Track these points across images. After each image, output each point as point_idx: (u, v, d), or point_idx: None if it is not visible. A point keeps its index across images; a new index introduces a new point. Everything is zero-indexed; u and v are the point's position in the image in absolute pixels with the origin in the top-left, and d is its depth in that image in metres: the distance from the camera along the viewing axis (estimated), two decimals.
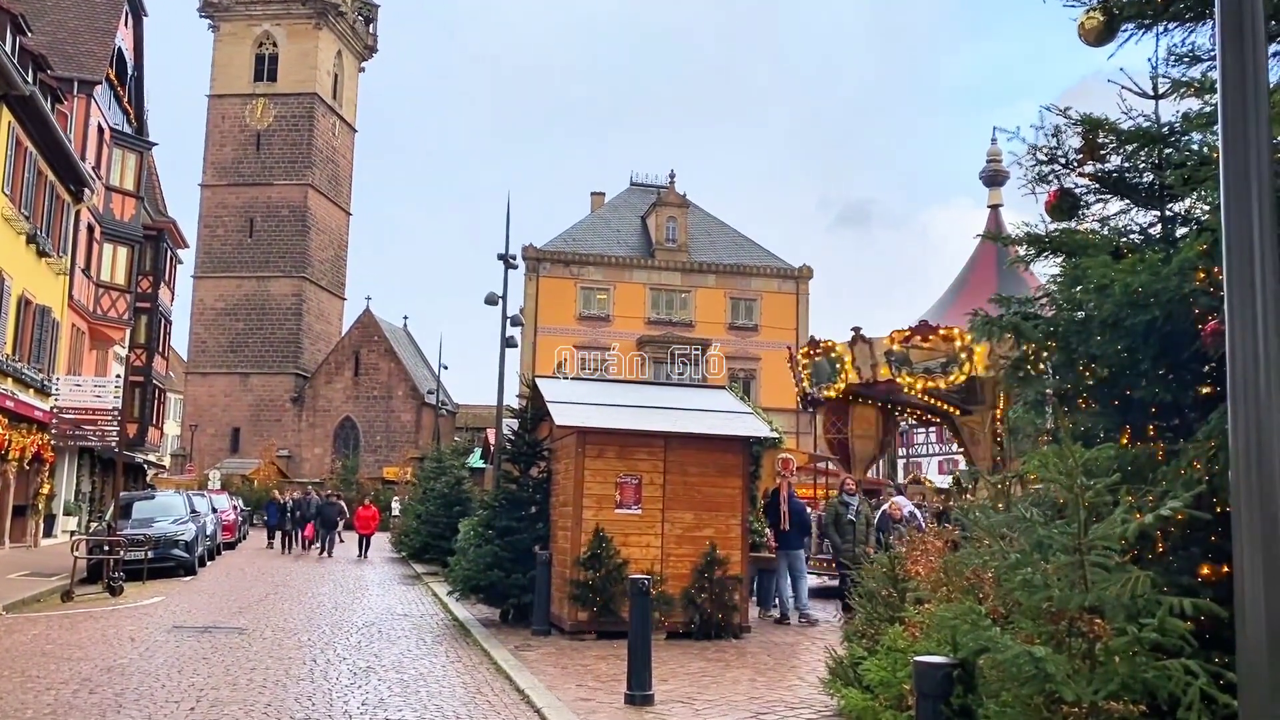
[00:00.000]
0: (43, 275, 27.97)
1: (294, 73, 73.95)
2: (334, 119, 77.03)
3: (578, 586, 12.66)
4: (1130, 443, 4.76)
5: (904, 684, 5.20)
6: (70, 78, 30.79)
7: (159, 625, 13.88)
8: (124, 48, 36.16)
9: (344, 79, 78.66)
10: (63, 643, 12.17)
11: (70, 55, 31.75)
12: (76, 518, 33.05)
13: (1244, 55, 3.08)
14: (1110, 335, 4.84)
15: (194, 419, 70.95)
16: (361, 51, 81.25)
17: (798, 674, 10.40)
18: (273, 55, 74.38)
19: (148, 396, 40.49)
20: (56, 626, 13.67)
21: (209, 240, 72.58)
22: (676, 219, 55.18)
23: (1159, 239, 5.35)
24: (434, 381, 62.10)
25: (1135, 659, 3.56)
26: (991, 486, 5.60)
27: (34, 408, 26.59)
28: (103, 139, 33.79)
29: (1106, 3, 5.51)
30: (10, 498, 26.64)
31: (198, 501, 27.60)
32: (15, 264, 25.31)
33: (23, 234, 25.69)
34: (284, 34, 74.36)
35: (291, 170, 73.37)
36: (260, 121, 73.59)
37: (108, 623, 14.19)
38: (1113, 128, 5.54)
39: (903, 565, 6.91)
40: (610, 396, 15.48)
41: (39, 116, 25.29)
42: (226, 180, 73.36)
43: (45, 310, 28.25)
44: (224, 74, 74.32)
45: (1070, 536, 3.86)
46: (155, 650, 11.64)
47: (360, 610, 16.67)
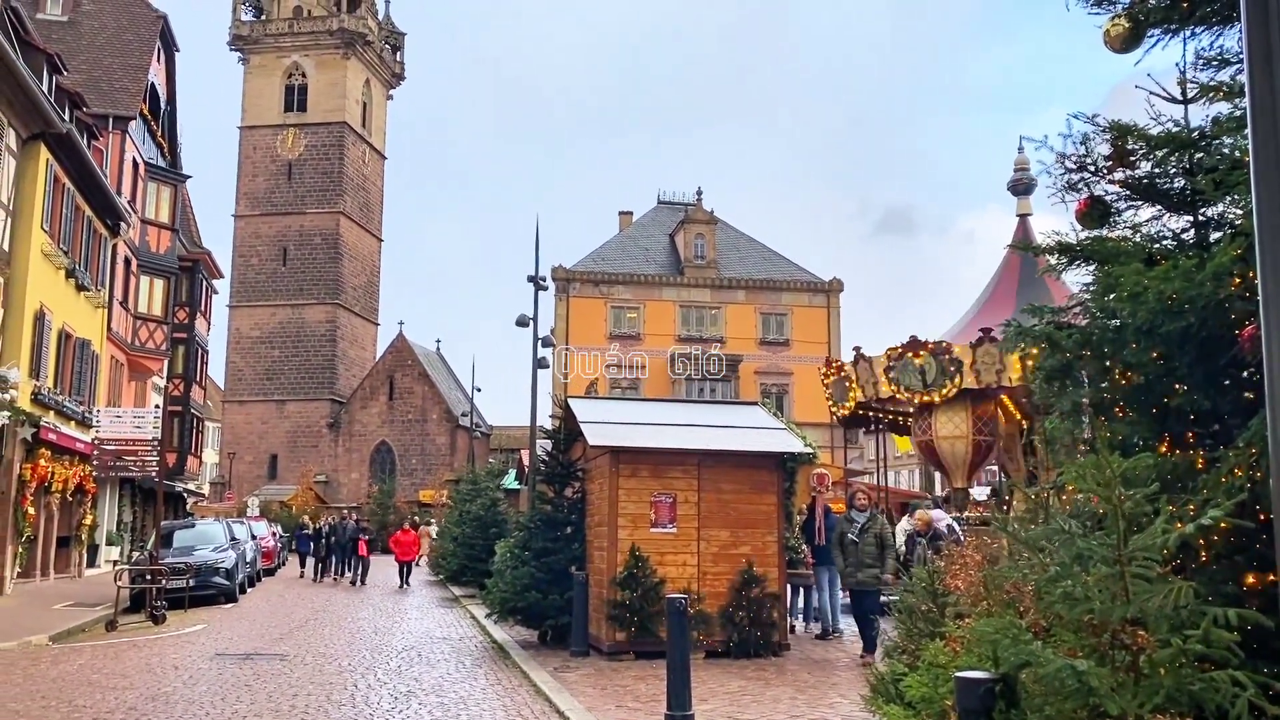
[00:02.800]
0: (82, 309, 28.38)
1: (323, 102, 74.87)
2: (364, 147, 77.86)
3: (615, 607, 12.63)
4: (1169, 451, 4.70)
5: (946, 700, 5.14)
6: (105, 114, 31.32)
7: (202, 653, 13.98)
8: (157, 83, 36.73)
9: (372, 107, 79.51)
10: (108, 672, 12.29)
11: (105, 92, 32.29)
12: (119, 547, 33.42)
13: (1271, 57, 3.05)
14: (1145, 343, 4.78)
15: (232, 447, 71.64)
16: (389, 79, 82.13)
17: (839, 691, 10.32)
18: (302, 86, 75.34)
19: (186, 426, 40.95)
20: (102, 656, 13.81)
21: (243, 269, 73.46)
22: (705, 236, 55.22)
23: (1192, 244, 5.29)
24: (468, 404, 62.39)
25: (1180, 671, 3.50)
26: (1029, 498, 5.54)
27: (76, 440, 26.95)
28: (138, 173, 34.31)
29: (1132, 9, 5.47)
30: (54, 529, 26.98)
31: (237, 529, 27.82)
32: (55, 298, 25.71)
33: (62, 269, 26.10)
34: (313, 65, 75.33)
35: (323, 198, 74.20)
36: (291, 151, 74.49)
37: (151, 651, 14.31)
38: (1142, 134, 5.49)
39: (942, 580, 6.84)
40: (643, 415, 15.50)
41: (76, 153, 25.72)
42: (259, 210, 74.28)
43: (85, 343, 28.65)
44: (255, 105, 75.36)
45: (1110, 548, 3.81)
46: (199, 678, 11.73)
47: (399, 634, 16.72)
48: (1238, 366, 4.58)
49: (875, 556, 12.60)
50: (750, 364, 52.27)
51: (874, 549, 12.64)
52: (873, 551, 12.62)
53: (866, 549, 12.63)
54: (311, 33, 75.50)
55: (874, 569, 12.54)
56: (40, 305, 24.56)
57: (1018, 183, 18.96)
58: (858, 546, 12.70)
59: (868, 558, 12.59)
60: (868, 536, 12.69)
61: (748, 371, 52.01)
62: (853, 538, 12.82)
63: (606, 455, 13.20)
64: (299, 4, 76.62)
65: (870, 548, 12.63)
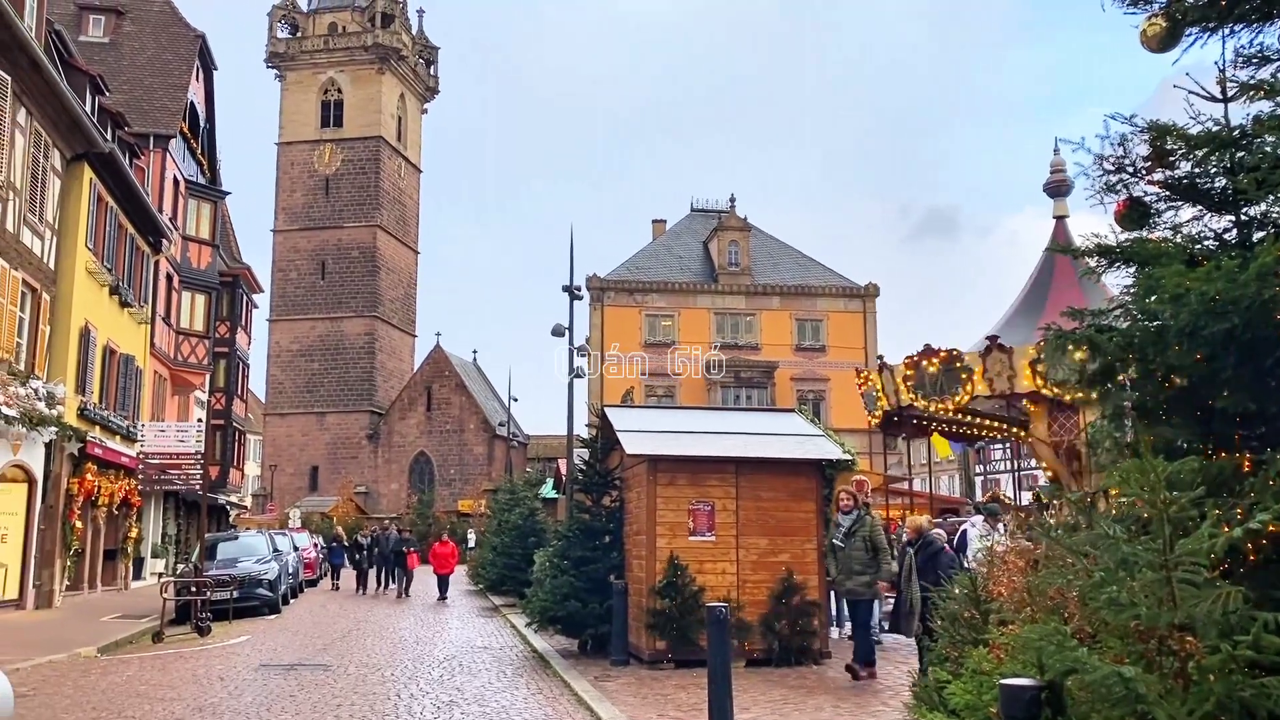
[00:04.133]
0: (125, 325, 28.78)
1: (359, 118, 75.57)
2: (399, 160, 78.47)
3: (654, 615, 12.62)
4: (1214, 454, 4.64)
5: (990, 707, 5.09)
6: (146, 133, 31.76)
7: (246, 664, 14.11)
8: (196, 101, 37.21)
9: (407, 121, 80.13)
10: (155, 683, 12.42)
11: (145, 111, 32.76)
12: (164, 560, 33.80)
13: None
14: (1188, 345, 4.72)
15: (273, 459, 72.32)
16: (423, 93, 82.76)
17: (881, 699, 10.25)
18: (338, 101, 76.08)
19: (228, 439, 41.36)
20: (149, 667, 13.96)
21: (283, 284, 74.21)
22: (739, 242, 55.10)
23: (1235, 244, 5.21)
24: (505, 414, 62.65)
25: (1231, 677, 3.45)
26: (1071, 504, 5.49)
27: (121, 454, 27.30)
28: (178, 190, 34.76)
29: (1169, 8, 5.42)
30: (101, 542, 27.33)
31: (279, 541, 28.03)
32: (100, 315, 26.09)
33: (106, 286, 26.48)
34: (348, 80, 76.07)
35: (360, 212, 74.84)
36: (328, 166, 75.23)
37: (197, 663, 14.46)
38: (1181, 133, 5.42)
39: (984, 586, 6.79)
40: (679, 423, 15.48)
41: (118, 172, 26.09)
42: (298, 225, 75.05)
43: (129, 359, 29.03)
44: (292, 122, 76.19)
45: (1155, 553, 3.77)
46: (244, 689, 11.83)
47: (441, 644, 16.78)
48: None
49: (865, 562, 11.67)
50: (786, 370, 52.05)
51: (863, 553, 11.69)
52: (862, 556, 11.67)
53: (854, 554, 11.71)
54: (346, 49, 76.27)
55: (864, 576, 11.67)
56: (85, 322, 24.91)
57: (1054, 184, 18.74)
58: (845, 551, 11.82)
59: (857, 563, 11.69)
60: (855, 540, 11.74)
61: (783, 378, 51.80)
62: (838, 542, 11.96)
63: (644, 464, 13.20)
64: (334, 21, 77.43)
65: (859, 552, 11.69)
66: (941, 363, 16.11)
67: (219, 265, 38.57)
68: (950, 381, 16.10)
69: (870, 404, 18.31)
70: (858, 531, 11.73)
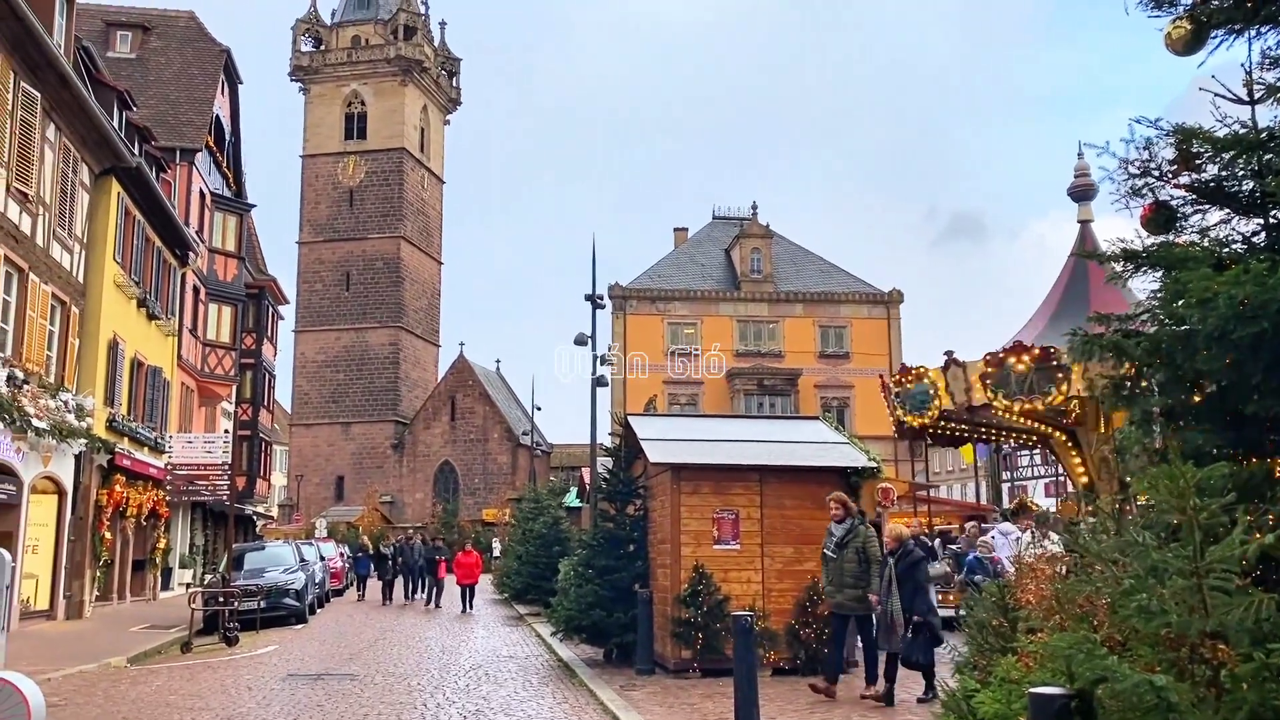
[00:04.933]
0: (153, 337, 29.01)
1: (383, 129, 76.01)
2: (422, 172, 78.87)
3: (679, 624, 12.59)
4: (1245, 460, 4.59)
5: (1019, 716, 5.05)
6: (172, 147, 32.04)
7: (274, 674, 14.17)
8: (221, 115, 37.52)
9: (430, 132, 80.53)
10: (184, 693, 12.50)
11: (172, 125, 33.07)
12: (192, 570, 34.00)
13: None
14: (1217, 350, 4.68)
15: (299, 469, 72.70)
16: (446, 105, 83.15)
17: (908, 708, 10.19)
18: (361, 114, 76.55)
19: (255, 449, 41.60)
20: (177, 677, 14.05)
21: (308, 295, 74.67)
22: (761, 250, 55.01)
23: (1264, 248, 5.16)
24: (528, 423, 62.72)
25: (1265, 686, 3.40)
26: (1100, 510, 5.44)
27: (149, 465, 27.51)
28: (204, 203, 35.04)
29: (1194, 10, 5.37)
30: (130, 553, 27.54)
31: (306, 551, 28.16)
32: (128, 328, 26.31)
33: (133, 299, 26.72)
34: (371, 93, 76.55)
35: (384, 224, 75.24)
36: (352, 178, 75.69)
37: (225, 672, 14.54)
38: (1208, 136, 5.37)
39: (1013, 594, 6.73)
40: (703, 431, 15.45)
41: (145, 186, 26.33)
42: (322, 236, 75.53)
43: (156, 371, 29.27)
44: (316, 134, 76.73)
45: (1186, 560, 3.72)
46: (271, 699, 11.88)
47: (466, 653, 16.81)
48: None
49: (857, 574, 11.00)
50: (809, 378, 51.88)
51: (855, 565, 11.02)
52: (854, 569, 11.01)
53: (846, 565, 11.04)
54: (369, 61, 76.75)
55: (856, 589, 11.00)
56: (113, 334, 25.14)
57: (1079, 189, 18.62)
58: (837, 563, 11.16)
59: (849, 576, 11.02)
60: (847, 551, 11.06)
61: (807, 385, 51.64)
62: (829, 553, 11.28)
63: (668, 472, 13.18)
64: (356, 34, 77.95)
65: (851, 564, 11.03)
66: (1035, 360, 15.70)
67: (245, 277, 38.85)
68: (1043, 381, 15.65)
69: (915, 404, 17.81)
70: (850, 542, 11.11)
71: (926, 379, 17.51)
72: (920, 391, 17.63)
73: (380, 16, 77.98)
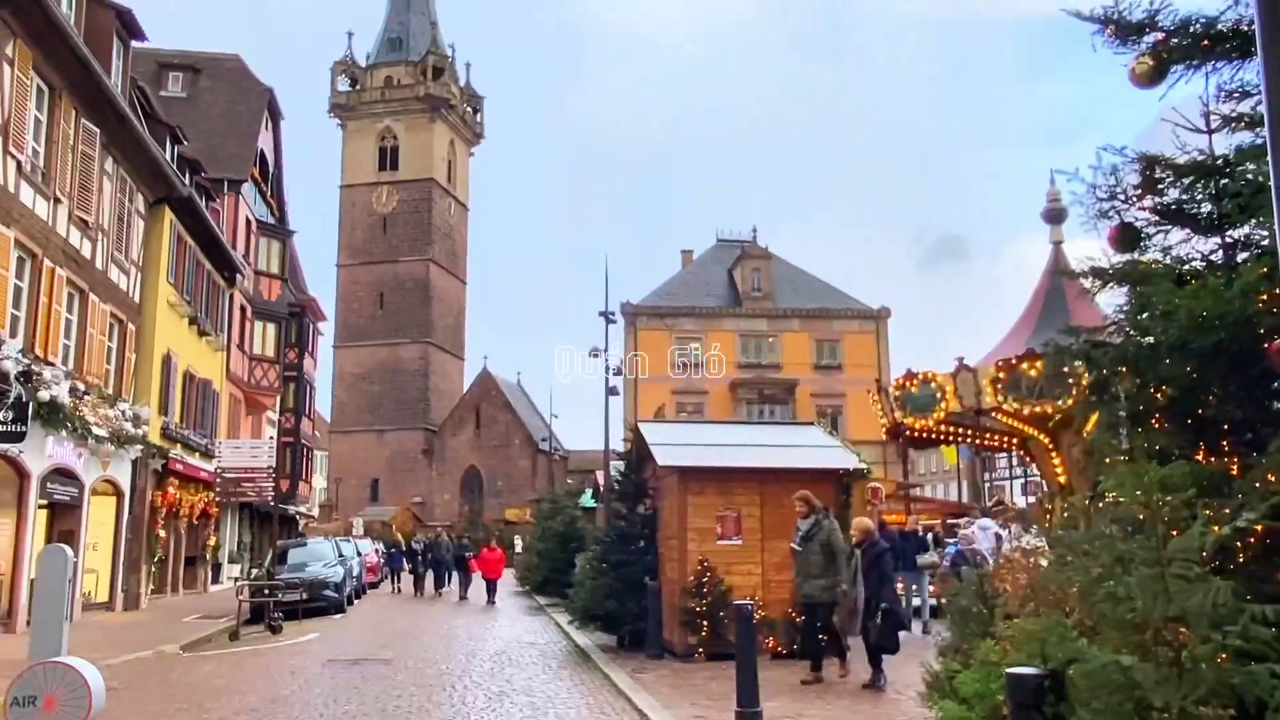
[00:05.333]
0: (204, 352, 29.13)
1: (413, 161, 76.35)
2: (449, 200, 79.14)
3: (686, 613, 12.58)
4: (1204, 459, 4.59)
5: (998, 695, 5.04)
6: (221, 178, 32.19)
7: (315, 659, 14.18)
8: (265, 149, 37.71)
9: (456, 164, 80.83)
10: (232, 677, 12.52)
11: (220, 158, 33.21)
12: (239, 565, 34.03)
13: None
14: (1179, 358, 4.69)
15: (338, 473, 72.78)
16: (470, 138, 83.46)
17: (895, 689, 10.15)
18: (394, 147, 76.92)
19: (297, 455, 41.67)
20: (226, 663, 14.08)
21: (345, 313, 74.93)
22: (761, 270, 54.99)
23: (1220, 265, 5.17)
24: (547, 430, 62.79)
25: (1221, 665, 3.41)
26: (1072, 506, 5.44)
27: (200, 469, 27.61)
28: (250, 230, 35.20)
29: (1155, 48, 5.39)
30: (183, 550, 27.62)
31: (344, 547, 28.18)
32: (181, 344, 26.44)
33: (186, 317, 26.84)
34: (403, 128, 76.90)
35: (414, 248, 75.51)
36: (385, 206, 76.01)
37: (270, 659, 14.55)
38: (1169, 163, 5.39)
39: (991, 583, 6.73)
40: (708, 437, 15.46)
41: (196, 214, 26.48)
42: (358, 259, 75.78)
43: (207, 383, 29.38)
44: (352, 166, 77.09)
45: (1150, 550, 3.73)
46: (313, 682, 11.90)
47: (491, 640, 16.80)
48: (1268, 378, 4.47)
49: (823, 566, 10.79)
50: (806, 387, 51.79)
51: (820, 558, 10.82)
52: (819, 560, 10.81)
53: (812, 558, 10.86)
54: (401, 99, 77.13)
55: (821, 580, 10.78)
56: (168, 350, 25.26)
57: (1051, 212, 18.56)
58: (802, 556, 11.00)
59: (814, 568, 10.82)
60: (813, 545, 10.89)
61: (804, 394, 51.55)
62: (795, 547, 11.14)
63: (675, 474, 13.19)
64: (389, 74, 78.33)
65: (816, 556, 10.84)
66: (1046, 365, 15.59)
67: (287, 297, 39.00)
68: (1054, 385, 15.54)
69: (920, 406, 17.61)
70: (815, 536, 10.92)
71: (934, 383, 17.36)
72: (926, 395, 17.48)
73: (411, 58, 78.34)
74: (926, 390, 17.49)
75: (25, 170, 17.06)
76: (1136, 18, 5.20)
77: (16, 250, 16.87)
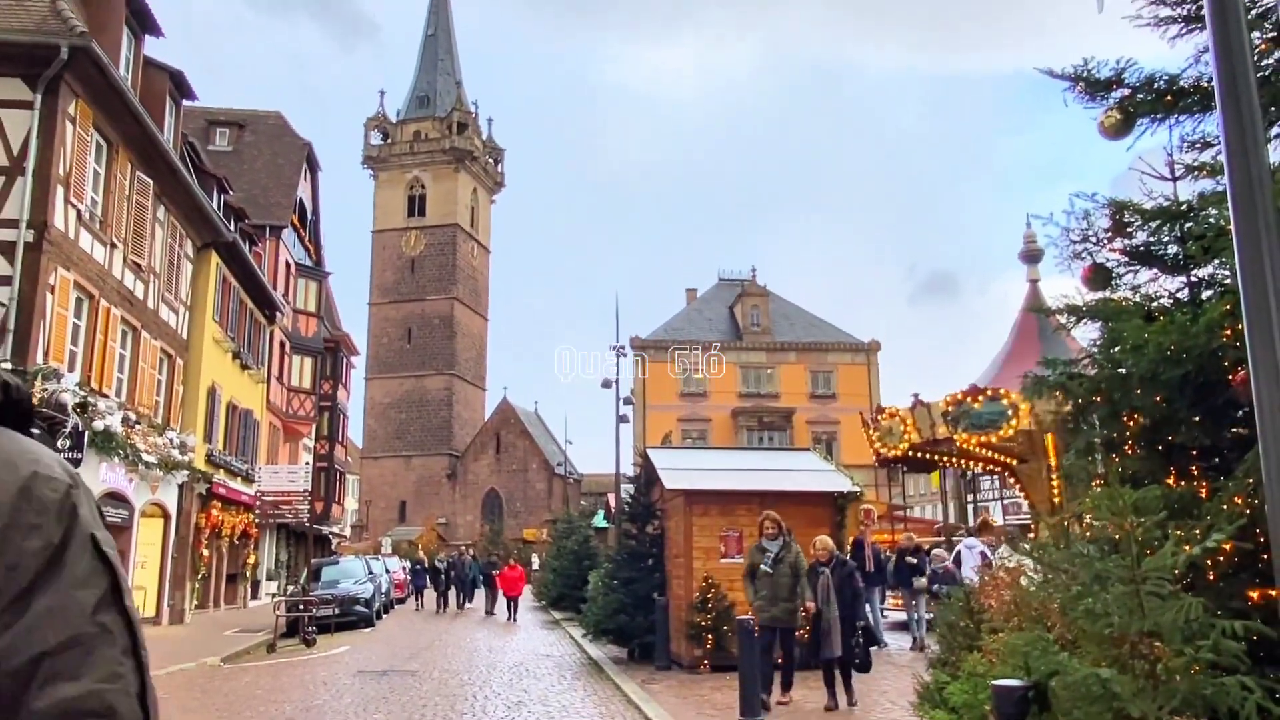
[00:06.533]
0: (246, 384, 29.20)
1: (439, 208, 76.87)
2: (472, 243, 79.56)
3: (692, 627, 12.49)
4: (1175, 482, 4.56)
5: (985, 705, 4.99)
6: (263, 224, 32.41)
7: (346, 670, 14.10)
8: (304, 197, 37.99)
9: (479, 210, 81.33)
10: (269, 687, 12.45)
11: (262, 206, 33.47)
12: (276, 582, 33.93)
13: (1245, 140, 3.01)
14: (1149, 388, 4.66)
15: (368, 495, 72.66)
16: (492, 186, 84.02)
17: (888, 699, 10.04)
18: (421, 195, 77.48)
19: (330, 479, 41.63)
20: (264, 674, 14.00)
21: (375, 347, 75.14)
22: (759, 306, 55.07)
23: (1186, 302, 5.16)
24: (562, 455, 62.66)
25: (1195, 677, 3.36)
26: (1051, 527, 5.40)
27: (241, 493, 27.60)
28: (289, 271, 35.41)
29: (1123, 102, 5.42)
30: (224, 568, 27.54)
31: (374, 565, 28.06)
32: (224, 377, 26.53)
33: (229, 352, 26.95)
34: (430, 178, 77.50)
35: (440, 287, 75.81)
36: (413, 249, 76.45)
37: (304, 670, 14.47)
38: (1137, 208, 5.40)
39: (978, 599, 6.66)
40: (711, 462, 15.42)
41: (240, 258, 26.66)
42: (388, 298, 76.11)
43: (248, 413, 29.42)
44: (383, 212, 77.63)
45: (1126, 569, 3.69)
46: (344, 692, 11.82)
47: (510, 652, 16.68)
48: (1233, 407, 4.44)
49: (789, 589, 9.84)
50: (802, 415, 51.68)
51: (789, 580, 9.86)
52: (787, 583, 9.84)
53: (782, 580, 9.84)
54: (428, 152, 77.78)
55: (790, 603, 9.83)
56: (212, 383, 25.34)
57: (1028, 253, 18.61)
58: (771, 578, 9.88)
59: (784, 590, 9.82)
60: (782, 567, 9.89)
61: (800, 422, 51.42)
62: (766, 569, 9.94)
63: (681, 497, 13.14)
64: (418, 129, 79.08)
65: (785, 579, 9.86)
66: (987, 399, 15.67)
67: (323, 333, 39.13)
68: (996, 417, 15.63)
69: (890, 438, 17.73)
70: (785, 558, 9.95)
71: (897, 417, 17.46)
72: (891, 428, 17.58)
73: (437, 114, 79.10)
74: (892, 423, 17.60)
75: (85, 218, 17.22)
76: (1104, 75, 5.23)
77: (76, 291, 16.99)
